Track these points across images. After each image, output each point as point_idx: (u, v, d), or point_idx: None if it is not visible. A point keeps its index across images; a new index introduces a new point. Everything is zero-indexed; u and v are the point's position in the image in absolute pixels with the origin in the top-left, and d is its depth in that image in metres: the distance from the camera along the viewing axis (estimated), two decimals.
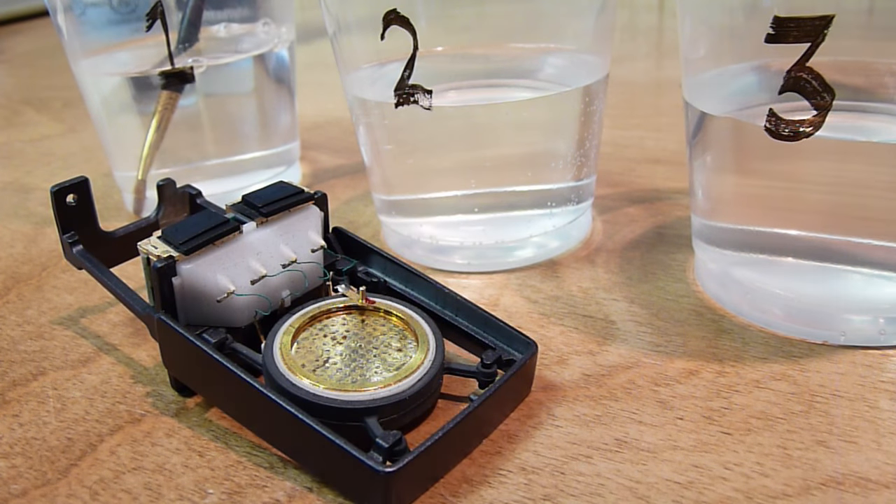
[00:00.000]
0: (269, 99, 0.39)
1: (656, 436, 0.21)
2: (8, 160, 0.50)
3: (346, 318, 0.24)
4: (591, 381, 0.24)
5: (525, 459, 0.21)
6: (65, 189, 0.26)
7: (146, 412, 0.24)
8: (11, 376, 0.26)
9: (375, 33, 0.27)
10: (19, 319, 0.29)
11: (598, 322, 0.27)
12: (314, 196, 0.26)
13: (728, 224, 0.26)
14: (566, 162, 0.30)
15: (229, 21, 0.37)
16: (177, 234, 0.23)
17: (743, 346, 0.25)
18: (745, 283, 0.26)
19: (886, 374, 0.23)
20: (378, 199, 0.33)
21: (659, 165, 0.40)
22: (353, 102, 0.31)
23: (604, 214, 0.35)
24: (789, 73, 0.21)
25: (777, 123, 0.22)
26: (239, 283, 0.23)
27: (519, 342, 0.23)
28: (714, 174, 0.26)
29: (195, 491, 0.20)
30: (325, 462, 0.20)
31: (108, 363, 0.26)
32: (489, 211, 0.30)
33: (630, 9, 0.90)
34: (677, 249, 0.31)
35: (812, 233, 0.24)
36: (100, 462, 0.22)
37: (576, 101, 0.29)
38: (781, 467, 0.20)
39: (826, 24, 0.20)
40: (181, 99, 0.36)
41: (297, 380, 0.21)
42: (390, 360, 0.22)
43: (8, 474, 0.21)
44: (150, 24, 0.33)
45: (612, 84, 0.31)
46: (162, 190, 0.29)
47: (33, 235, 0.37)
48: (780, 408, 0.22)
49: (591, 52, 0.30)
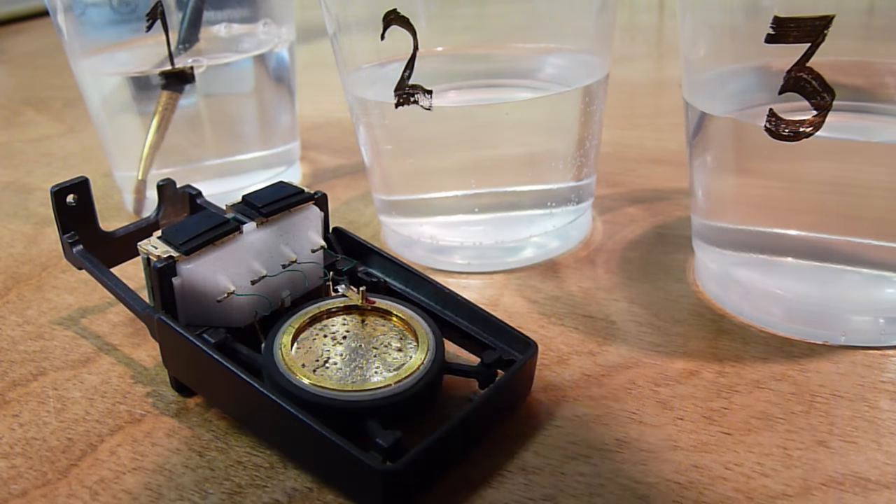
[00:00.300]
0: (270, 99, 0.39)
1: (656, 436, 0.21)
2: (8, 160, 0.50)
3: (346, 319, 0.24)
4: (592, 381, 0.24)
5: (525, 460, 0.21)
6: (65, 189, 0.26)
7: (146, 412, 0.24)
8: (11, 376, 0.26)
9: (375, 33, 0.27)
10: (19, 319, 0.29)
11: (598, 322, 0.27)
12: (314, 196, 0.26)
13: (728, 224, 0.26)
14: (566, 162, 0.30)
15: (229, 21, 0.37)
16: (177, 235, 0.23)
17: (743, 346, 0.25)
18: (745, 284, 0.26)
19: (886, 374, 0.23)
20: (378, 200, 0.33)
21: (659, 165, 0.40)
22: (353, 102, 0.31)
23: (604, 214, 0.35)
24: (789, 73, 0.21)
25: (777, 123, 0.22)
26: (239, 284, 0.23)
27: (519, 342, 0.23)
28: (714, 174, 0.26)
29: (195, 491, 0.20)
30: (325, 462, 0.20)
31: (109, 363, 0.26)
32: (489, 211, 0.30)
33: (630, 9, 0.90)
34: (677, 249, 0.31)
35: (812, 233, 0.24)
36: (100, 462, 0.22)
37: (576, 101, 0.29)
38: (782, 467, 0.20)
39: (826, 24, 0.20)
40: (181, 99, 0.36)
41: (297, 380, 0.21)
42: (390, 361, 0.22)
43: (8, 474, 0.21)
44: (151, 24, 0.33)
45: (612, 84, 0.31)
46: (162, 190, 0.29)
47: (33, 235, 0.37)
48: (780, 408, 0.22)
49: (591, 52, 0.30)
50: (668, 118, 0.49)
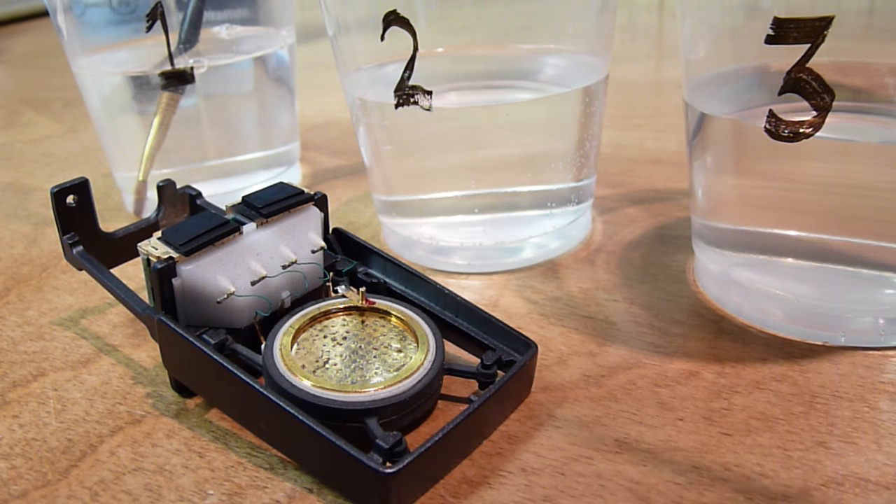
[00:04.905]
0: (270, 100, 0.39)
1: (656, 437, 0.21)
2: (8, 161, 0.50)
3: (346, 319, 0.24)
4: (591, 381, 0.24)
5: (525, 460, 0.21)
6: (65, 190, 0.26)
7: (146, 413, 0.24)
8: (11, 377, 0.26)
9: (375, 34, 0.27)
10: (19, 320, 0.29)
11: (598, 323, 0.27)
12: (314, 197, 0.26)
13: (728, 225, 0.26)
14: (566, 163, 0.30)
15: (230, 22, 0.37)
16: (177, 235, 0.23)
17: (743, 346, 0.25)
18: (745, 284, 0.26)
19: (886, 374, 0.23)
20: (378, 200, 0.33)
21: (659, 166, 0.40)
22: (353, 103, 0.31)
23: (604, 215, 0.35)
24: (789, 73, 0.21)
25: (777, 124, 0.22)
26: (239, 284, 0.23)
27: (519, 343, 0.23)
28: (714, 175, 0.26)
29: (195, 492, 0.20)
30: (325, 463, 0.20)
31: (109, 364, 0.26)
32: (489, 212, 0.30)
33: (630, 9, 0.90)
34: (677, 250, 0.31)
35: (812, 233, 0.24)
36: (100, 463, 0.22)
37: (576, 101, 0.29)
38: (781, 468, 0.20)
39: (826, 24, 0.20)
40: (181, 100, 0.36)
41: (298, 381, 0.21)
42: (390, 361, 0.22)
43: (8, 475, 0.21)
44: (151, 24, 0.33)
45: (612, 84, 0.31)
46: (162, 191, 0.29)
47: (33, 236, 0.37)
48: (780, 409, 0.22)
49: (591, 52, 0.30)
50: (668, 118, 0.49)
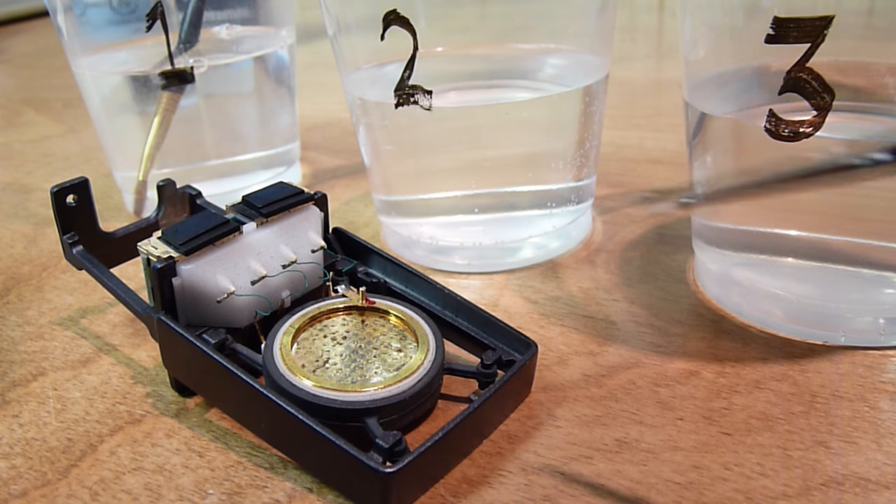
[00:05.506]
0: (269, 100, 0.39)
1: (656, 436, 0.21)
2: (8, 161, 0.50)
3: (346, 319, 0.24)
4: (592, 381, 0.24)
5: (525, 460, 0.21)
6: (65, 189, 0.26)
7: (146, 413, 0.24)
8: (11, 377, 0.26)
9: (375, 34, 0.27)
10: (19, 320, 0.29)
11: (598, 322, 0.27)
12: (314, 196, 0.26)
13: (728, 224, 0.26)
14: (566, 162, 0.30)
15: (230, 22, 0.37)
16: (177, 235, 0.23)
17: (743, 346, 0.25)
18: (745, 284, 0.26)
19: (886, 374, 0.23)
20: (378, 200, 0.33)
21: (659, 165, 0.40)
22: (353, 103, 0.31)
23: (604, 215, 0.35)
24: (789, 73, 0.21)
25: (777, 124, 0.22)
26: (239, 284, 0.23)
27: (519, 343, 0.23)
28: (714, 174, 0.26)
29: (195, 491, 0.20)
30: (325, 463, 0.20)
31: (108, 364, 0.26)
32: (489, 211, 0.30)
33: (630, 9, 0.90)
34: (677, 250, 0.31)
35: (812, 233, 0.24)
36: (100, 462, 0.22)
37: (576, 101, 0.29)
38: (781, 468, 0.20)
39: (826, 24, 0.20)
40: (181, 99, 0.36)
41: (297, 380, 0.21)
42: (390, 361, 0.22)
43: (8, 475, 0.21)
44: (151, 24, 0.33)
45: (612, 84, 0.31)
46: (162, 190, 0.29)
47: (33, 236, 0.37)
48: (780, 408, 0.22)
49: (591, 52, 0.30)
50: (668, 118, 0.49)
